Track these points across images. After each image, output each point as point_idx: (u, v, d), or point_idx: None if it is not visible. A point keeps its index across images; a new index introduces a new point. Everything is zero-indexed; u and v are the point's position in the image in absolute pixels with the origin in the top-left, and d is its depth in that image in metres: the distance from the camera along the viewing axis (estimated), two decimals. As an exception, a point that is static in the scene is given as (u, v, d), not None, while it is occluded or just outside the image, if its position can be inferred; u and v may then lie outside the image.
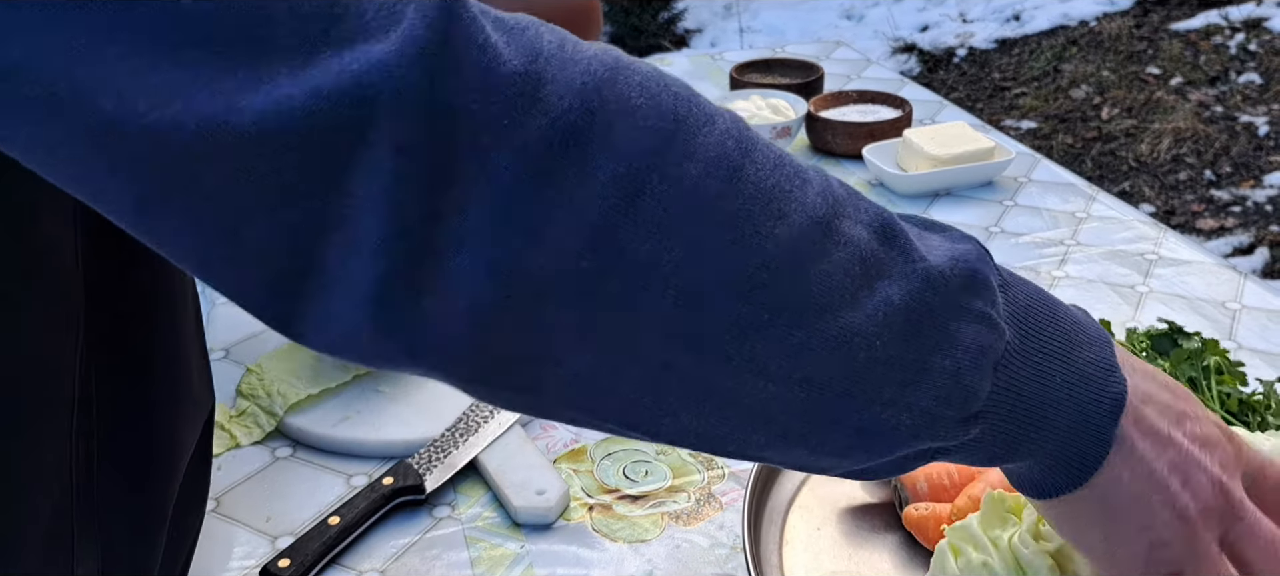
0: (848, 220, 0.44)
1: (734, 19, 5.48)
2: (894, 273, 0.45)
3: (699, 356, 0.42)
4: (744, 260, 0.41)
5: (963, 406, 0.47)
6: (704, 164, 0.41)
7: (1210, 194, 3.32)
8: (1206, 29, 4.42)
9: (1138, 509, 0.50)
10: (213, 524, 0.86)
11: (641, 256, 0.39)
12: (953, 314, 0.46)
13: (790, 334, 0.42)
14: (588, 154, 0.39)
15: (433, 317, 0.38)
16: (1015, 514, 0.59)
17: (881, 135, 1.47)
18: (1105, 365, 0.50)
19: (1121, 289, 1.14)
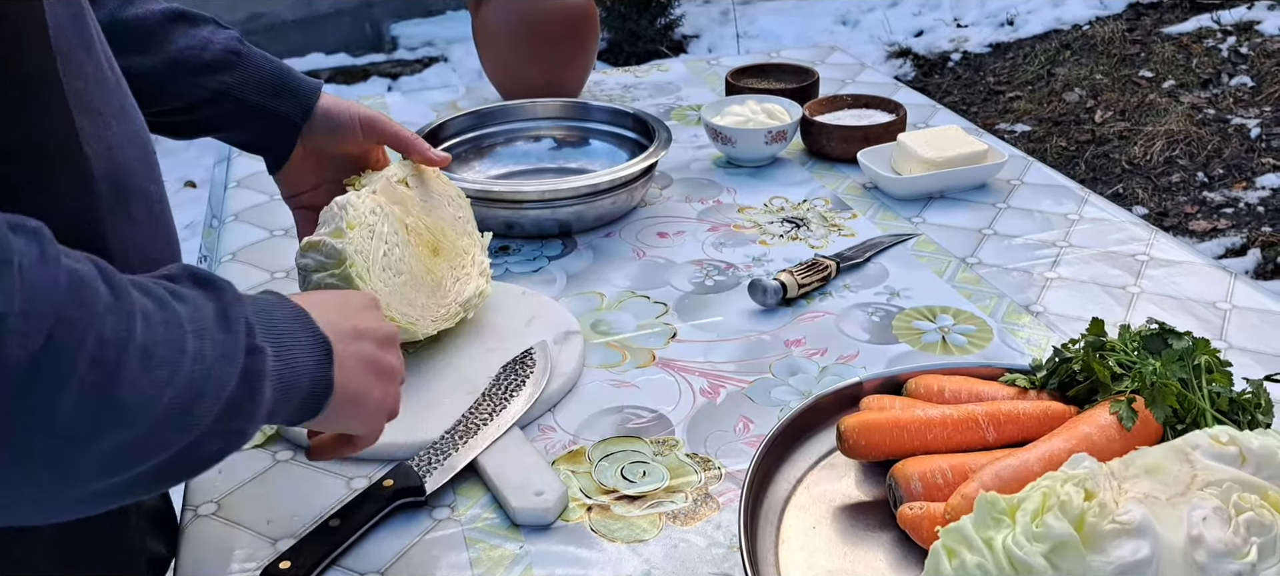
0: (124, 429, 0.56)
1: (731, 25, 5.50)
2: (170, 445, 0.59)
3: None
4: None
5: (259, 417, 0.65)
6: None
7: (1203, 196, 3.33)
8: (1198, 32, 4.44)
9: (366, 392, 0.74)
10: (213, 527, 0.86)
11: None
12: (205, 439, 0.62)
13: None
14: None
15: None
16: (1008, 515, 0.60)
17: (876, 139, 1.48)
18: (311, 330, 0.70)
19: (1113, 290, 1.15)
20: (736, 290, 1.20)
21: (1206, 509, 0.58)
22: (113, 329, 0.54)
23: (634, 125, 1.50)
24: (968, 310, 1.13)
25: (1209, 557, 0.57)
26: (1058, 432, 0.79)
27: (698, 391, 1.02)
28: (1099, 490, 0.59)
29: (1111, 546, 0.58)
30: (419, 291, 1.02)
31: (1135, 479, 0.61)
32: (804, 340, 1.09)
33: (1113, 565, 0.57)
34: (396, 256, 1.00)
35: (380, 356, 0.76)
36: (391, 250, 0.99)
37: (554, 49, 1.71)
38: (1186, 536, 0.58)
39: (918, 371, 0.93)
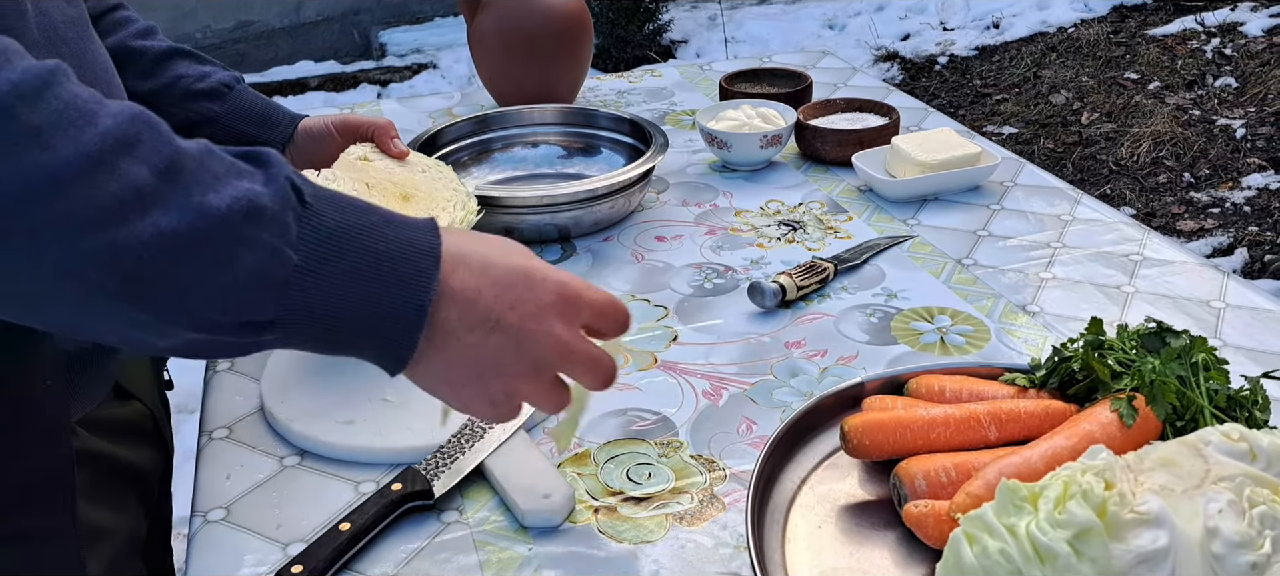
0: (130, 159, 0.55)
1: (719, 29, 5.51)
2: (170, 205, 0.56)
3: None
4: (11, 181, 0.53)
5: (241, 315, 0.58)
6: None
7: (1190, 196, 3.36)
8: (1182, 34, 4.48)
9: (472, 380, 0.66)
10: (223, 532, 0.87)
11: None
12: (230, 242, 0.57)
13: (59, 242, 0.54)
14: None
15: None
16: (1030, 503, 0.61)
17: (870, 142, 1.50)
18: (413, 279, 0.61)
19: (1108, 289, 1.17)
20: (736, 293, 1.21)
21: (1221, 501, 0.60)
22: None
23: (631, 130, 1.51)
24: (965, 311, 1.14)
25: (1225, 548, 0.58)
26: (1060, 430, 0.81)
27: (700, 393, 1.03)
28: (1117, 481, 0.61)
29: (1131, 535, 0.59)
30: None
31: (1150, 471, 0.63)
32: (804, 342, 1.10)
33: (1132, 553, 0.58)
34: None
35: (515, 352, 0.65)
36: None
37: (548, 55, 1.72)
38: (1202, 527, 0.59)
39: (919, 371, 0.94)
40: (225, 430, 1.00)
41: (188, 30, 5.02)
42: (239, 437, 0.98)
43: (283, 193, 0.60)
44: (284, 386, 1.02)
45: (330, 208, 0.61)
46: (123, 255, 0.55)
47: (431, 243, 0.63)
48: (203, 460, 0.96)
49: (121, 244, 0.55)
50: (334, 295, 0.60)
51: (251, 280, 0.58)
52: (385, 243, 0.62)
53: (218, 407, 1.03)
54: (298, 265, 0.59)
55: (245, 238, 0.57)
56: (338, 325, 0.61)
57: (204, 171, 0.58)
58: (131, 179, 0.55)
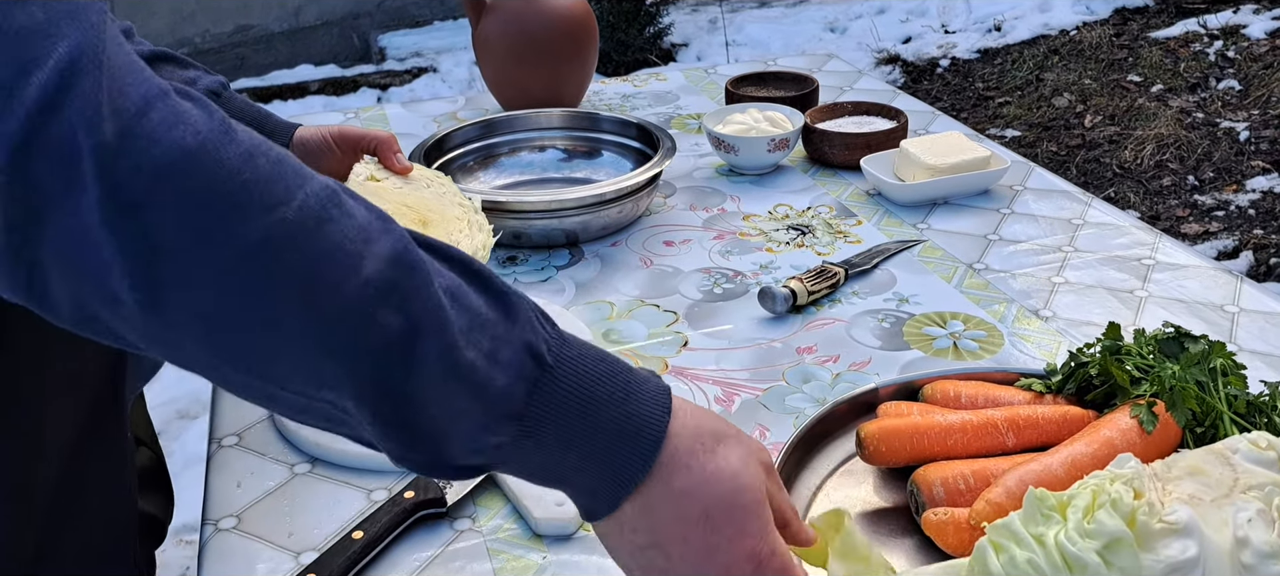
0: (388, 309, 0.53)
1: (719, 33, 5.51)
2: (413, 359, 0.54)
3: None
4: (273, 325, 0.51)
5: (499, 408, 0.56)
6: (240, 248, 0.50)
7: (1194, 199, 3.36)
8: (1185, 36, 4.47)
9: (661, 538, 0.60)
10: (235, 541, 0.86)
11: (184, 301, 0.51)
12: (466, 393, 0.55)
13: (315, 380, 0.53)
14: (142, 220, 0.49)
15: None
16: (1058, 512, 0.61)
17: (878, 146, 1.49)
18: (624, 475, 0.59)
19: (1120, 294, 1.16)
20: (746, 298, 1.20)
21: (1250, 510, 0.59)
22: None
23: (638, 134, 1.51)
24: (977, 315, 1.14)
25: (1255, 558, 0.58)
26: (1079, 437, 0.80)
27: (712, 399, 1.02)
28: (1145, 490, 0.60)
29: (1161, 545, 0.58)
30: None
31: (1178, 480, 0.62)
32: (815, 347, 1.10)
33: (1162, 563, 0.58)
34: None
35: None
36: None
37: (554, 59, 1.71)
38: (1232, 537, 0.59)
39: (934, 377, 0.94)
40: (235, 437, 0.99)
41: (187, 34, 5.02)
42: (249, 444, 0.98)
43: (527, 352, 0.57)
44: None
45: (571, 366, 0.58)
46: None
47: (659, 429, 0.59)
48: (213, 467, 0.95)
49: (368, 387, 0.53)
50: (551, 459, 0.58)
51: (469, 436, 0.56)
52: (615, 419, 0.58)
53: (227, 414, 1.02)
54: (517, 432, 0.57)
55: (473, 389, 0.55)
56: (548, 480, 0.60)
57: (459, 326, 0.55)
58: (386, 332, 0.53)
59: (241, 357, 0.51)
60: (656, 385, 0.61)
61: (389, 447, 0.57)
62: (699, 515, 0.59)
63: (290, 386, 0.53)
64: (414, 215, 1.07)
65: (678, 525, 0.59)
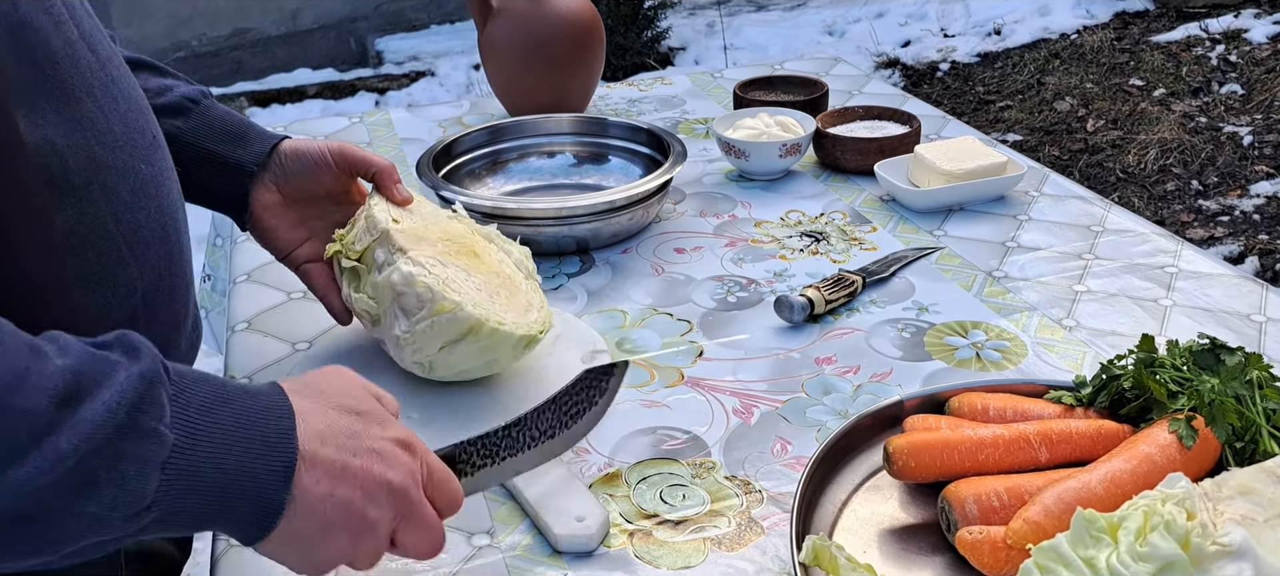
0: (24, 393, 0.55)
1: (717, 36, 5.50)
2: (63, 427, 0.55)
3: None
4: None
5: (130, 507, 0.58)
6: None
7: (1198, 204, 3.34)
8: (1187, 40, 4.46)
9: (326, 535, 0.65)
10: (248, 557, 0.84)
11: None
12: (121, 437, 0.57)
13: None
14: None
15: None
16: (1109, 534, 0.59)
17: (891, 151, 1.47)
18: (278, 438, 0.62)
19: (1145, 303, 1.14)
20: (760, 307, 1.18)
21: (1310, 532, 0.57)
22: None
23: (648, 140, 1.48)
24: (999, 325, 1.12)
25: (1316, 582, 0.56)
26: (1116, 453, 0.78)
27: (731, 411, 1.00)
28: (1198, 511, 0.58)
29: (1216, 568, 0.56)
30: (502, 292, 0.99)
31: (1229, 500, 0.60)
32: (835, 358, 1.08)
33: (1217, 586, 0.56)
34: (460, 274, 0.97)
35: (363, 502, 0.65)
36: (450, 271, 0.97)
37: (561, 64, 1.69)
38: None
39: (960, 389, 0.92)
40: (243, 451, 0.96)
41: (184, 38, 4.99)
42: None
43: (156, 372, 0.60)
44: (303, 405, 0.99)
45: (193, 382, 0.62)
46: (23, 492, 0.55)
47: (282, 401, 0.65)
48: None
49: (21, 482, 0.55)
50: (209, 466, 0.60)
51: (137, 469, 0.58)
52: (247, 410, 0.62)
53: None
54: (175, 444, 0.59)
55: (133, 427, 0.58)
56: (215, 494, 0.61)
57: (88, 379, 0.57)
58: (28, 418, 0.55)
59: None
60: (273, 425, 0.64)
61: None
62: (347, 443, 0.66)
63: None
64: (461, 246, 1.02)
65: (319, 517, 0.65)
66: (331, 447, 0.65)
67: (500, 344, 0.95)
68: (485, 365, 0.97)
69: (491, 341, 0.94)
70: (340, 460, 0.65)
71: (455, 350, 0.94)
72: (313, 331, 1.15)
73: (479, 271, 0.99)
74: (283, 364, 1.10)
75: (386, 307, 0.95)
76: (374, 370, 1.03)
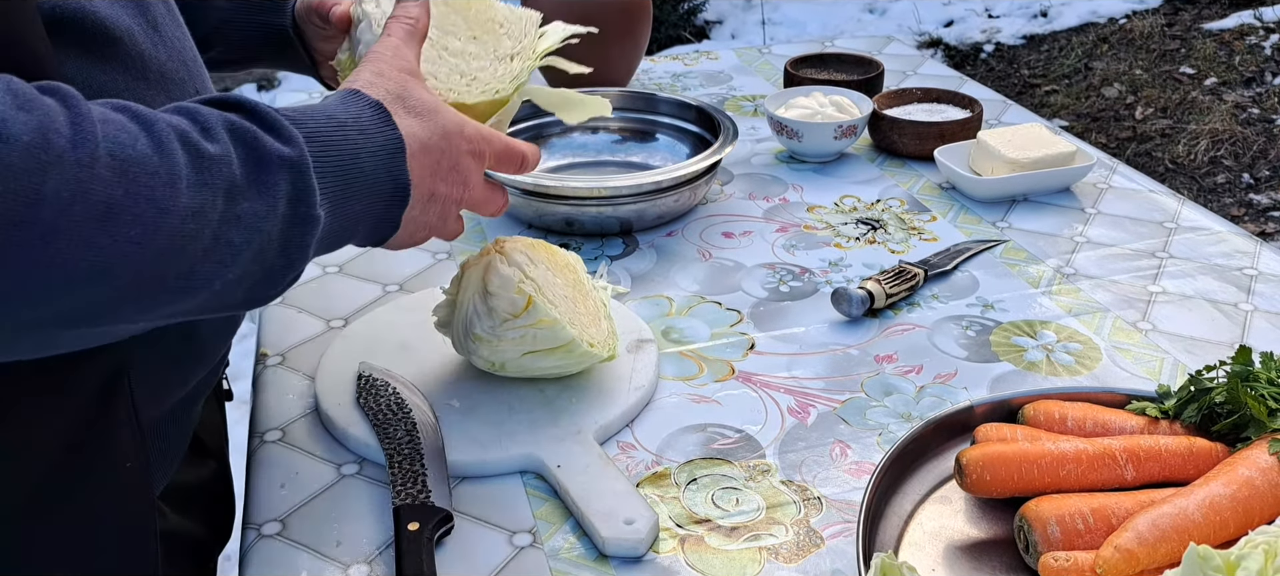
0: (199, 190, 0.57)
1: (755, 11, 5.41)
2: (232, 221, 0.59)
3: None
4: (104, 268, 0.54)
5: (290, 274, 0.66)
6: (54, 204, 0.51)
7: (1249, 198, 3.25)
8: (1240, 29, 4.34)
9: (414, 234, 0.76)
10: (279, 548, 0.80)
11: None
12: (285, 228, 0.62)
13: (158, 305, 0.59)
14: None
15: None
16: (1226, 573, 0.53)
17: (952, 137, 1.41)
18: (393, 182, 0.70)
19: (1224, 307, 1.08)
20: (815, 298, 1.13)
21: None
22: (55, 185, 0.50)
23: (697, 117, 1.43)
24: (1070, 326, 1.06)
25: None
26: (1213, 476, 0.72)
27: (785, 410, 0.95)
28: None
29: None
30: (577, 296, 0.95)
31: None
32: (896, 355, 1.02)
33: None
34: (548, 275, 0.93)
35: (445, 210, 0.77)
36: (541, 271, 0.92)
37: (607, 36, 1.63)
38: None
39: (1035, 396, 0.86)
40: (278, 432, 0.92)
41: None
42: (293, 441, 0.91)
43: (302, 155, 0.63)
44: (340, 387, 0.95)
45: (325, 146, 0.66)
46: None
47: (394, 137, 0.70)
48: (254, 465, 0.89)
49: (205, 278, 0.59)
50: (343, 216, 0.68)
51: (298, 247, 0.64)
52: (369, 155, 0.68)
53: (269, 406, 0.96)
54: (323, 220, 0.65)
55: (294, 218, 0.63)
56: (342, 238, 0.69)
57: (245, 169, 0.60)
58: (205, 217, 0.58)
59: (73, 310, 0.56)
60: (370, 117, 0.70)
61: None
62: (433, 174, 0.74)
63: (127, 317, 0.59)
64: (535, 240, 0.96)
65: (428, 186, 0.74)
66: (427, 174, 0.73)
67: (581, 360, 0.92)
68: (557, 370, 0.92)
69: (574, 357, 0.91)
70: (430, 188, 0.74)
71: (538, 359, 0.90)
72: (347, 309, 1.11)
73: (558, 270, 0.94)
74: (317, 341, 1.05)
75: (467, 298, 0.90)
76: (413, 353, 0.99)
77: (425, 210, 0.74)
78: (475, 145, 0.77)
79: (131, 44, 0.69)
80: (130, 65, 0.69)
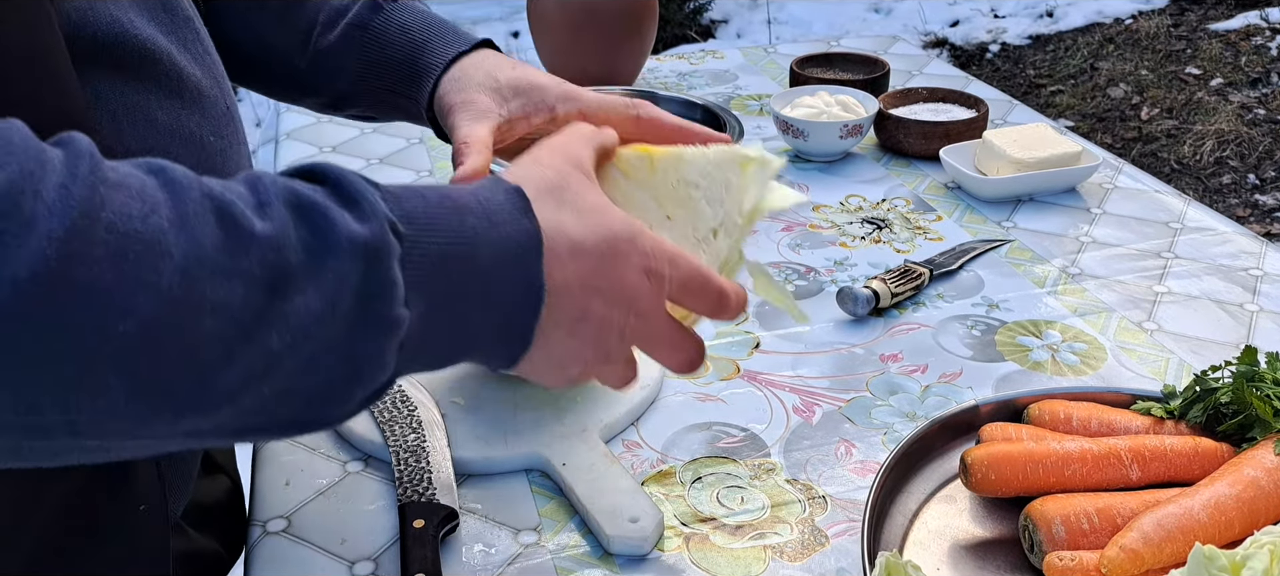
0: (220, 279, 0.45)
1: (761, 11, 5.41)
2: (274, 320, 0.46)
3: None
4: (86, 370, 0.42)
5: (362, 392, 0.52)
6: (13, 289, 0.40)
7: (1255, 199, 3.25)
8: (1246, 29, 4.33)
9: (552, 369, 0.61)
10: (285, 546, 0.80)
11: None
12: (345, 332, 0.49)
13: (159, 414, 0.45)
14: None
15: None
16: (1231, 574, 0.53)
17: (958, 136, 1.41)
18: (523, 285, 0.55)
19: (1230, 307, 1.08)
20: (820, 297, 1.13)
21: None
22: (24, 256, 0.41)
23: (703, 117, 1.43)
24: (1075, 326, 1.06)
25: None
26: (1218, 476, 0.72)
27: (790, 409, 0.95)
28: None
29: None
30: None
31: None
32: (901, 355, 1.02)
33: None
34: None
35: (600, 339, 0.60)
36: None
37: (613, 34, 1.63)
38: None
39: (1041, 396, 0.86)
40: (281, 430, 0.92)
41: None
42: (297, 438, 0.91)
43: (383, 238, 0.50)
44: (344, 384, 0.95)
45: (426, 230, 0.52)
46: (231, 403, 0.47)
47: (530, 230, 0.56)
48: (259, 462, 0.89)
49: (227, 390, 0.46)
50: (449, 329, 0.54)
51: (372, 366, 0.51)
52: (489, 250, 0.54)
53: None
54: (412, 318, 0.51)
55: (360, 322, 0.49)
56: (458, 347, 0.56)
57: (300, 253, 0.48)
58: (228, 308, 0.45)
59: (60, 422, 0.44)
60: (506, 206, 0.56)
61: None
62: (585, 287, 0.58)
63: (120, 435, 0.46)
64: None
65: (574, 311, 0.59)
66: (577, 286, 0.58)
67: None
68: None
69: None
70: (578, 306, 0.58)
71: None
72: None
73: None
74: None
75: None
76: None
77: (574, 332, 0.58)
78: (652, 263, 0.60)
79: (170, 64, 0.67)
80: (166, 84, 0.67)
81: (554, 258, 0.56)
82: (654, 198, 0.70)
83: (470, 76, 0.86)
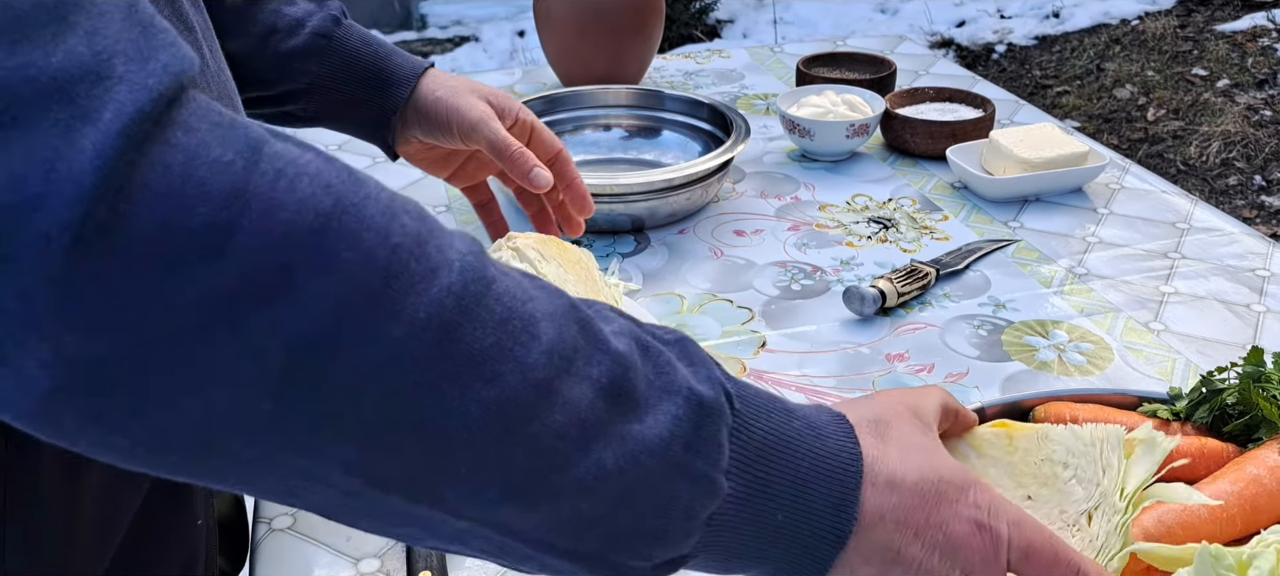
0: (573, 378, 0.44)
1: (767, 10, 5.41)
2: (612, 436, 0.44)
3: (386, 499, 0.42)
4: (439, 426, 0.41)
5: (663, 553, 0.48)
6: (409, 326, 0.39)
7: (1261, 200, 3.24)
8: (1253, 31, 4.33)
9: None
10: (290, 542, 0.80)
11: (325, 409, 0.39)
12: (668, 476, 0.46)
13: (485, 491, 0.43)
14: (275, 310, 0.37)
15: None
16: (1237, 573, 0.53)
17: (964, 136, 1.41)
18: (836, 503, 0.50)
19: (1237, 308, 1.08)
20: (826, 296, 1.13)
21: None
22: (415, 304, 0.40)
23: (709, 116, 1.43)
24: (1082, 326, 1.06)
25: None
26: (1221, 475, 0.72)
27: (796, 407, 0.95)
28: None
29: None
30: (590, 293, 0.93)
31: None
32: (907, 354, 1.02)
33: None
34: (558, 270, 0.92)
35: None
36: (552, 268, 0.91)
37: (620, 33, 1.64)
38: None
39: (1046, 398, 0.86)
40: (288, 427, 0.93)
41: None
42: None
43: (719, 403, 0.48)
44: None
45: (756, 414, 0.50)
46: (558, 504, 0.44)
47: (852, 451, 0.52)
48: (265, 460, 0.89)
49: (558, 490, 0.44)
50: (754, 523, 0.49)
51: (681, 518, 0.47)
52: (809, 459, 0.50)
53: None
54: (728, 494, 0.48)
55: (682, 468, 0.46)
56: (754, 551, 0.50)
57: (643, 382, 0.46)
58: (576, 408, 0.44)
59: (395, 474, 0.41)
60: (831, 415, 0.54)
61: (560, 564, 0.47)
62: (900, 524, 0.52)
63: (445, 504, 0.43)
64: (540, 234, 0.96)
65: (897, 541, 0.52)
66: (885, 529, 0.52)
67: None
68: None
69: None
70: (895, 543, 0.52)
71: None
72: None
73: (570, 266, 0.94)
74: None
75: None
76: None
77: (883, 574, 0.53)
78: (986, 517, 0.54)
79: (202, 80, 0.67)
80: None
81: (870, 485, 0.52)
82: (1011, 476, 0.67)
83: (444, 81, 0.96)
